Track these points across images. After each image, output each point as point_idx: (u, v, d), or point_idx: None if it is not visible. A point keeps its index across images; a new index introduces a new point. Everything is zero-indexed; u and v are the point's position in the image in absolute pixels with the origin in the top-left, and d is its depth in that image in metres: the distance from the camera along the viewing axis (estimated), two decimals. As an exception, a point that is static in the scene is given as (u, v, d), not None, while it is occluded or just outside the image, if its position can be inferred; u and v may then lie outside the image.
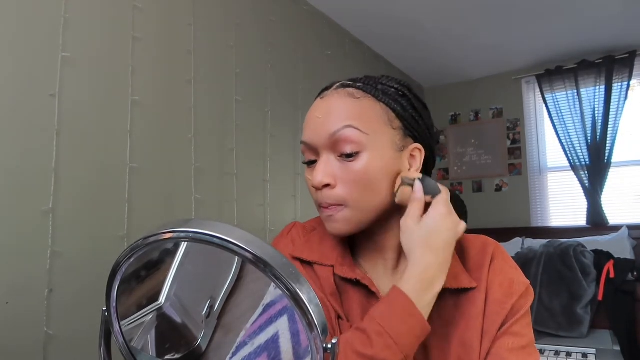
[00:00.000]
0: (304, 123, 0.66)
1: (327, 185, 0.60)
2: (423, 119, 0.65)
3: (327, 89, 0.66)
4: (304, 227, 0.74)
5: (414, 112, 0.64)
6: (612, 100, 3.10)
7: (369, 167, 0.59)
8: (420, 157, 0.65)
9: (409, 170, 0.64)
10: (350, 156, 0.59)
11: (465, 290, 0.62)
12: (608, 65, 3.12)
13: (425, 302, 0.55)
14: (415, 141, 0.65)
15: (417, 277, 0.56)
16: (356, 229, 0.62)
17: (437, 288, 0.56)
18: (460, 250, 0.67)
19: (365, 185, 0.59)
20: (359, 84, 0.64)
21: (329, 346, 0.37)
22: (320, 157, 0.61)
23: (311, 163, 0.64)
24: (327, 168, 0.60)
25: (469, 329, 0.60)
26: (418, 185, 0.60)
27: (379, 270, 0.67)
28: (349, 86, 0.64)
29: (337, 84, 0.65)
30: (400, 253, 0.67)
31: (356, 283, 0.63)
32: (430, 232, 0.57)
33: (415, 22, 2.75)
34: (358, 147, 0.59)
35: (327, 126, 0.60)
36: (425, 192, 0.60)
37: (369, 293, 0.62)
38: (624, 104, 3.09)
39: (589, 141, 3.17)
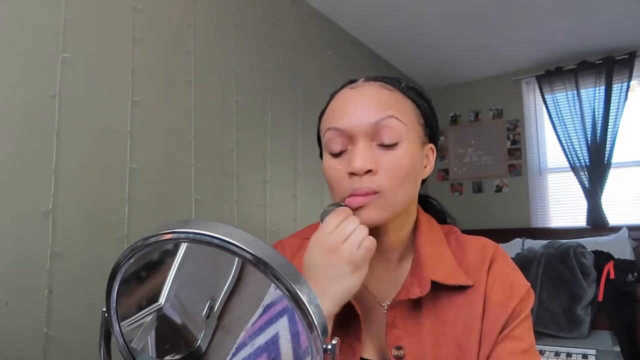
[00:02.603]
0: (329, 111, 0.64)
1: (368, 172, 0.59)
2: (437, 120, 0.68)
3: (352, 81, 0.66)
4: (291, 244, 0.74)
5: (431, 112, 0.67)
6: (612, 101, 3.10)
7: (407, 158, 0.60)
8: (432, 157, 0.67)
9: (425, 168, 0.66)
10: (388, 146, 0.59)
11: (463, 289, 0.62)
12: (608, 66, 3.12)
13: None
14: (430, 141, 0.67)
15: None
16: (387, 220, 0.61)
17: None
18: (459, 251, 0.67)
19: (403, 175, 0.60)
20: (384, 79, 0.65)
21: (329, 347, 0.37)
22: (357, 144, 0.60)
23: (338, 154, 0.62)
24: (367, 154, 0.59)
25: (466, 331, 0.60)
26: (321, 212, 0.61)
27: (380, 270, 0.67)
28: (376, 80, 0.64)
29: (363, 78, 0.65)
30: (403, 252, 0.68)
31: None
32: (304, 261, 0.57)
33: (415, 23, 2.75)
34: (398, 137, 0.60)
35: (369, 114, 0.59)
36: (321, 220, 0.60)
37: (351, 314, 0.61)
38: (624, 104, 3.09)
39: (589, 142, 3.17)
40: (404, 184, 0.60)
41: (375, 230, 0.65)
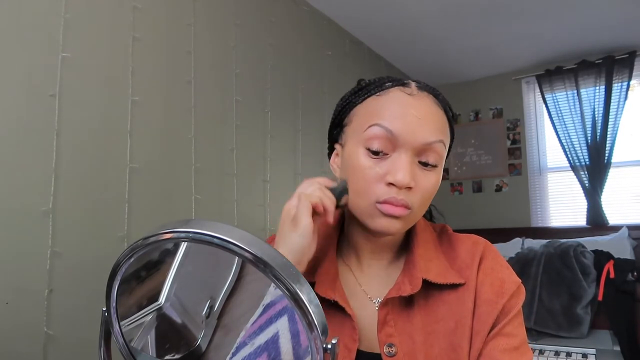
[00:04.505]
0: (381, 107, 0.61)
1: (409, 187, 0.59)
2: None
3: (403, 84, 0.63)
4: None
5: (453, 129, 0.67)
6: (612, 101, 3.10)
7: (438, 181, 0.63)
8: None
9: None
10: (427, 165, 0.61)
11: (454, 287, 0.62)
12: (608, 66, 3.11)
13: None
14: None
15: None
16: (404, 231, 0.65)
17: None
18: (450, 249, 0.67)
19: (430, 195, 0.62)
20: (433, 92, 0.64)
21: (329, 346, 0.37)
22: (401, 155, 0.59)
23: (376, 153, 0.60)
24: (412, 170, 0.59)
25: (458, 328, 0.60)
26: None
27: (373, 268, 0.68)
28: (428, 91, 0.63)
29: (415, 84, 0.63)
30: (396, 251, 0.68)
31: (333, 303, 0.62)
32: None
33: (415, 22, 2.75)
34: (439, 160, 0.62)
35: (425, 132, 0.59)
36: None
37: (344, 314, 0.62)
38: (624, 104, 3.08)
39: (589, 141, 3.17)
40: (426, 204, 0.63)
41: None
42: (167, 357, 0.46)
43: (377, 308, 0.64)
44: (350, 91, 0.67)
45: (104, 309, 0.44)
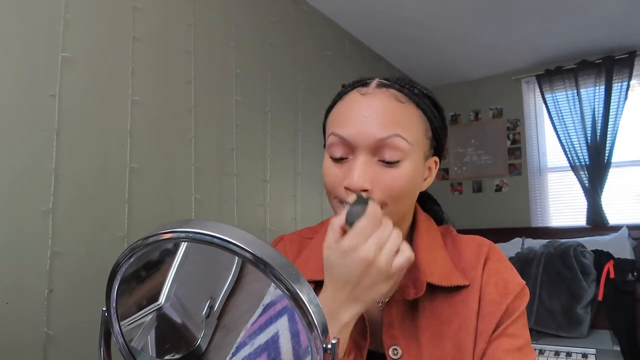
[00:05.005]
0: (336, 114, 0.62)
1: (364, 190, 0.58)
2: (446, 131, 0.67)
3: (364, 84, 0.63)
4: (292, 241, 0.74)
5: (442, 123, 0.65)
6: (612, 101, 3.10)
7: (406, 177, 0.59)
8: (435, 169, 0.66)
9: (425, 180, 0.65)
10: (389, 163, 0.59)
11: (459, 288, 0.62)
12: (608, 66, 3.11)
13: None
14: (435, 153, 0.66)
15: None
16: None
17: (344, 319, 0.52)
18: (454, 250, 0.67)
19: (399, 193, 0.59)
20: (397, 86, 0.62)
21: (329, 346, 0.37)
22: (358, 158, 0.59)
23: (340, 159, 0.61)
24: (366, 171, 0.58)
25: (462, 329, 0.60)
26: (345, 209, 0.56)
27: None
28: (389, 86, 0.62)
29: (376, 82, 0.63)
30: None
31: None
32: (331, 265, 0.54)
33: (415, 22, 2.75)
34: (401, 156, 0.59)
35: (375, 129, 0.58)
36: (347, 220, 0.55)
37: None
38: (624, 104, 3.08)
39: (589, 141, 3.17)
40: (399, 201, 0.61)
41: None
42: (167, 357, 0.46)
43: (380, 308, 0.64)
44: None
45: (104, 309, 0.44)
